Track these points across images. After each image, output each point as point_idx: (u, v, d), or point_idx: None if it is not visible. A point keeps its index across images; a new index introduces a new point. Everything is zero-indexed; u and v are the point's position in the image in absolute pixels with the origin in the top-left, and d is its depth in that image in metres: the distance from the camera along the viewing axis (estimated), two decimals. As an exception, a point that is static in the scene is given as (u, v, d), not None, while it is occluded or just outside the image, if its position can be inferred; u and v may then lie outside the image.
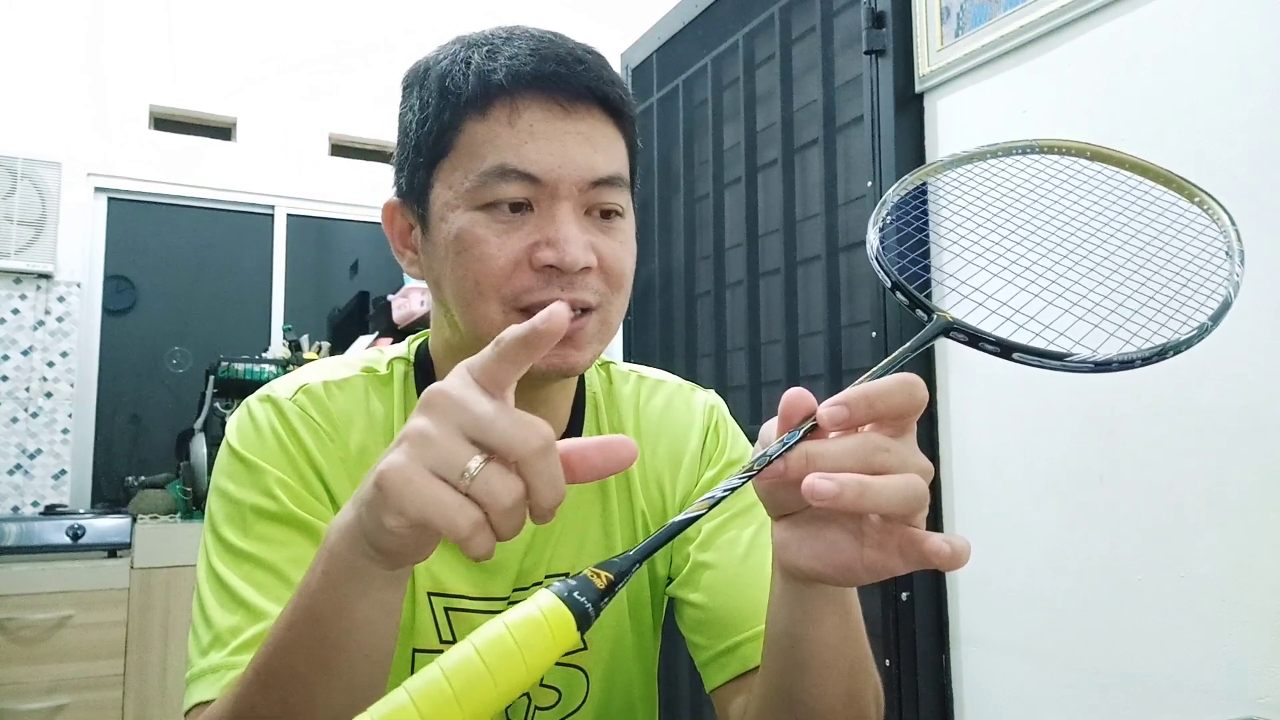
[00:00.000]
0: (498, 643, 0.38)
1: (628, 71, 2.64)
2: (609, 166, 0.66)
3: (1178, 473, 1.21)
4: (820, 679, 0.56)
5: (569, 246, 0.63)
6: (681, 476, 0.79)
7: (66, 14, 3.19)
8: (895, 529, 0.45)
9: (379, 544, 0.45)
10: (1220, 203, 0.58)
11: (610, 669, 0.76)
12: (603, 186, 0.66)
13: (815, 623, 0.54)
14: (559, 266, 0.63)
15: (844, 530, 0.47)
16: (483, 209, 0.64)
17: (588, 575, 0.41)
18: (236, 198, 3.44)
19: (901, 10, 1.66)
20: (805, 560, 0.48)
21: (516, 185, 0.63)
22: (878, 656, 1.60)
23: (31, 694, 2.46)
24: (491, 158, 0.63)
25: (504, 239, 0.63)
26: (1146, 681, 1.23)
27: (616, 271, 0.67)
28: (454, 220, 0.65)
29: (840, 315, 1.83)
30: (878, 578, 0.46)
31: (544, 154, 0.63)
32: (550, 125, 0.64)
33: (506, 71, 0.64)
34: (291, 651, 0.50)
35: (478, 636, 0.39)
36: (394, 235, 0.73)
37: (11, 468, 3.00)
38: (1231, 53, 1.17)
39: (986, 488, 1.50)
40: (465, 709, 0.37)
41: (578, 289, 0.64)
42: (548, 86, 0.64)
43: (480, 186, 0.63)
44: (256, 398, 0.71)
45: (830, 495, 0.42)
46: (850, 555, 0.46)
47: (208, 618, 0.63)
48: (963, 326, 0.50)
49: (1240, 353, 1.13)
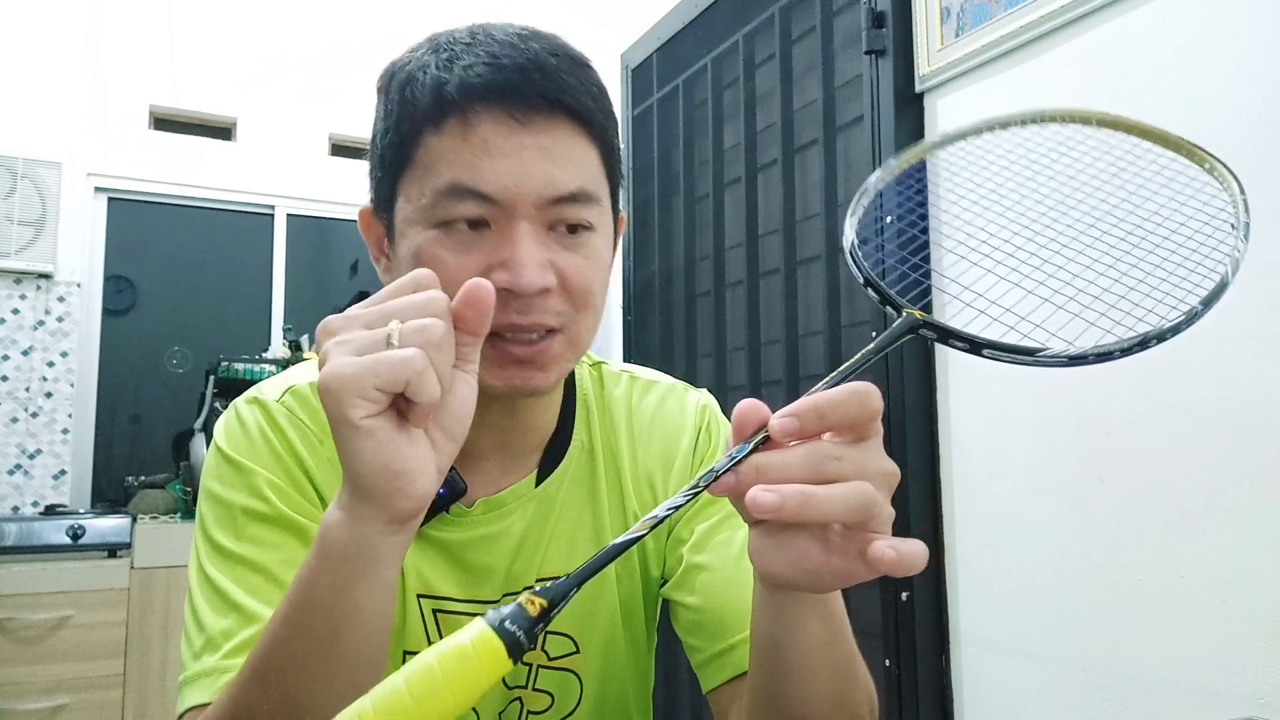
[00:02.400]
0: (423, 674, 0.38)
1: (628, 71, 2.64)
2: (571, 181, 0.62)
3: (1177, 473, 1.21)
4: (806, 683, 0.55)
5: (523, 270, 0.60)
6: (674, 477, 0.78)
7: (66, 14, 3.19)
8: (856, 535, 0.44)
9: (364, 487, 0.48)
10: (1230, 169, 0.54)
11: (604, 672, 0.76)
12: (565, 204, 0.62)
13: (797, 628, 0.53)
14: (513, 290, 0.60)
15: (812, 537, 0.46)
16: (439, 227, 0.61)
17: (522, 603, 0.41)
18: (236, 198, 3.44)
19: (901, 10, 1.65)
20: (777, 567, 0.47)
21: (471, 204, 0.60)
22: (878, 656, 1.60)
23: (31, 694, 2.46)
24: (446, 174, 0.61)
25: (461, 259, 0.61)
26: (1146, 681, 1.23)
27: (581, 290, 0.64)
28: (412, 237, 0.63)
29: (840, 315, 1.82)
30: (845, 584, 0.46)
31: (499, 172, 0.60)
32: (505, 140, 0.60)
33: (459, 83, 0.60)
34: (291, 644, 0.51)
35: (408, 667, 0.39)
36: (371, 242, 0.71)
37: (11, 468, 3.00)
38: (1232, 53, 1.17)
39: (986, 488, 1.49)
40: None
41: (535, 312, 0.61)
42: (502, 98, 0.60)
43: (435, 205, 0.61)
44: (244, 400, 0.71)
45: (772, 507, 0.42)
46: (818, 562, 0.45)
47: (200, 621, 0.62)
48: (932, 323, 0.49)
49: (1241, 353, 1.13)
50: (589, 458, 0.77)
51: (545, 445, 0.75)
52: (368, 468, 0.47)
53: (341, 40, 3.53)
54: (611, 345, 2.70)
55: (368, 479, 0.47)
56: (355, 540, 0.49)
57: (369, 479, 0.47)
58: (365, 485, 0.47)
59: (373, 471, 0.47)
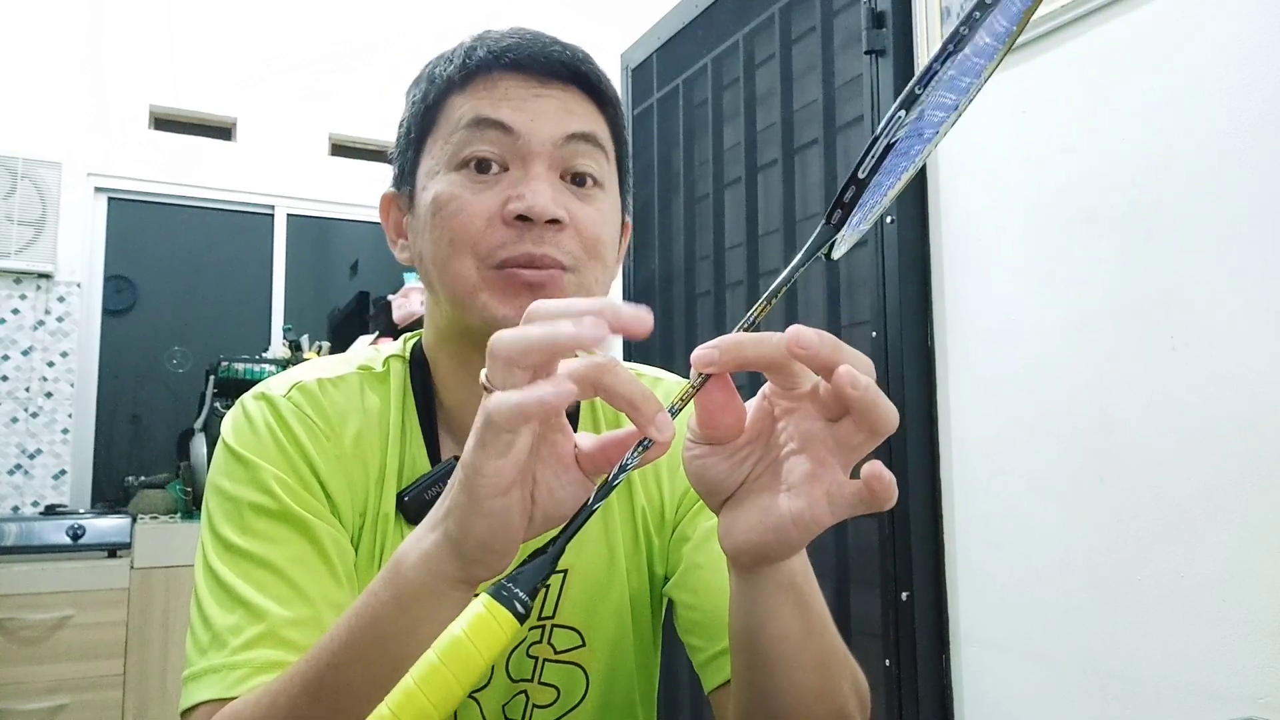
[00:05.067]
0: (451, 645, 0.42)
1: (628, 71, 2.64)
2: (584, 125, 0.68)
3: (1178, 473, 1.21)
4: (787, 675, 0.55)
5: (538, 196, 0.64)
6: (680, 473, 0.78)
7: (66, 14, 3.19)
8: (824, 475, 0.45)
9: (468, 548, 0.46)
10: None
11: (610, 667, 0.76)
12: (577, 141, 0.67)
13: (771, 616, 0.53)
14: (527, 214, 0.64)
15: (773, 493, 0.46)
16: (459, 170, 0.66)
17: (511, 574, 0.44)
18: (236, 198, 3.44)
19: (901, 10, 1.65)
20: (742, 536, 0.48)
21: (491, 135, 0.65)
22: (878, 656, 1.60)
23: (31, 694, 2.46)
24: (469, 114, 0.66)
25: (479, 196, 0.65)
26: (1146, 681, 1.23)
27: (591, 235, 0.67)
28: (433, 186, 0.67)
29: (840, 315, 1.83)
30: (808, 532, 0.45)
31: (518, 110, 0.66)
32: (525, 91, 0.66)
33: (486, 50, 0.67)
34: (349, 669, 0.51)
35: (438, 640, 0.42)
36: (389, 226, 0.75)
37: (11, 468, 3.00)
38: (1232, 54, 1.17)
39: (986, 488, 1.49)
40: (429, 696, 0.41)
41: (548, 244, 0.65)
42: (524, 65, 0.67)
43: (457, 145, 0.66)
44: (251, 396, 0.71)
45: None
46: (780, 514, 0.46)
47: (206, 617, 0.62)
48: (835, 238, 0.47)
49: (1241, 353, 1.13)
50: None
51: None
52: (484, 534, 0.45)
53: (341, 40, 3.53)
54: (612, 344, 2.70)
55: (475, 544, 0.46)
56: (434, 588, 0.48)
57: (476, 545, 0.46)
58: (469, 547, 0.46)
59: (486, 540, 0.46)
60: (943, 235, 1.61)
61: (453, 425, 0.73)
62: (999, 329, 1.49)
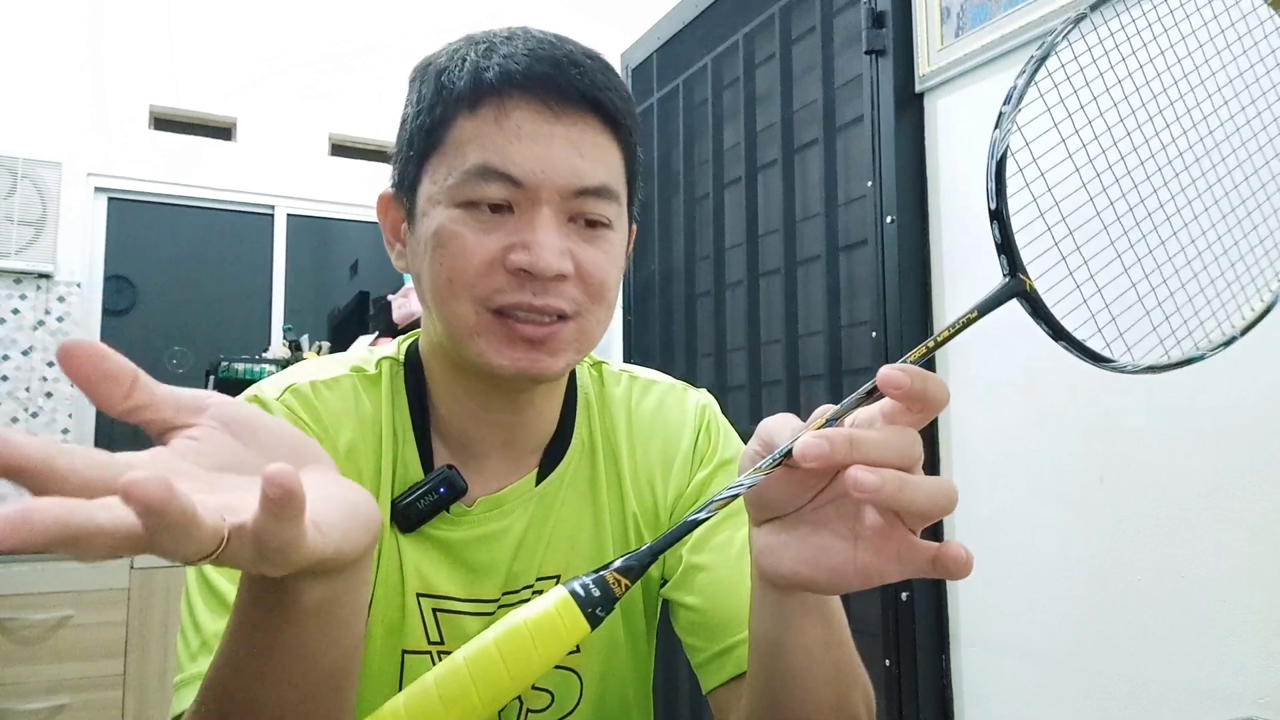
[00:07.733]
0: (511, 635, 0.43)
1: (628, 71, 2.64)
2: (596, 176, 0.64)
3: (1178, 473, 1.21)
4: (805, 686, 0.55)
5: (543, 252, 0.61)
6: (673, 477, 0.78)
7: (66, 14, 3.19)
8: (895, 533, 0.44)
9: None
10: None
11: (604, 671, 0.76)
12: (587, 196, 0.64)
13: (797, 631, 0.53)
14: (531, 271, 0.62)
15: (836, 534, 0.45)
16: (463, 207, 0.63)
17: (606, 578, 0.44)
18: (236, 198, 3.44)
19: (901, 10, 1.65)
20: (789, 565, 0.47)
21: (497, 186, 0.62)
22: (878, 657, 1.60)
23: (31, 694, 2.46)
24: (475, 156, 0.62)
25: (481, 239, 0.62)
26: (1146, 682, 1.23)
27: (596, 281, 0.65)
28: (435, 216, 0.64)
29: (840, 315, 1.82)
30: (868, 584, 0.45)
31: (528, 157, 0.62)
32: (537, 128, 0.62)
33: (499, 70, 0.63)
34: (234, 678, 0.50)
35: (499, 633, 0.43)
36: (386, 227, 0.73)
37: (11, 468, 3.00)
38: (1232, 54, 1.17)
39: (987, 488, 1.49)
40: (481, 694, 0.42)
41: (551, 295, 0.63)
42: (538, 88, 0.63)
43: (462, 184, 0.63)
44: (243, 398, 0.70)
45: (872, 488, 0.41)
46: (842, 559, 0.45)
47: (196, 621, 0.62)
48: (1031, 297, 0.48)
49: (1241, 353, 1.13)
50: (589, 457, 0.77)
51: (546, 444, 0.75)
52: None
53: (341, 40, 3.53)
54: (611, 345, 2.70)
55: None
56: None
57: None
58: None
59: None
60: (943, 235, 1.60)
61: (445, 431, 0.73)
62: (999, 329, 1.49)
